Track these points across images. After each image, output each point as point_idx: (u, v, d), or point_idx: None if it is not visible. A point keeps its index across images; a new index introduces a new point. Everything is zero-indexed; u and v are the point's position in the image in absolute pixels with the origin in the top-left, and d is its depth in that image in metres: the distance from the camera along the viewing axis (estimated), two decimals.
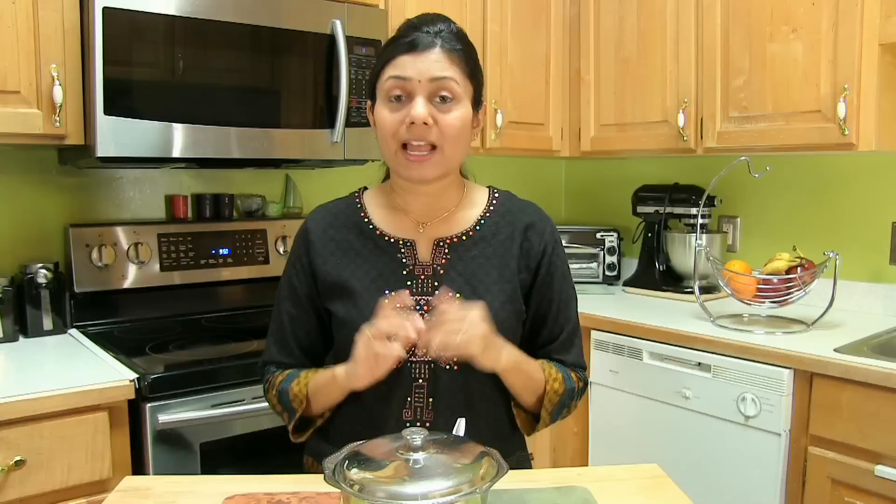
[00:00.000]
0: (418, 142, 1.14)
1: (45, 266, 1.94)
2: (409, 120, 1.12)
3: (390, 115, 1.15)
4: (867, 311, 2.28)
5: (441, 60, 1.13)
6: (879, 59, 1.94)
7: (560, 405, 1.22)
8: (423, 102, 1.13)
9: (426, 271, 1.21)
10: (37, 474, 1.45)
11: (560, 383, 1.22)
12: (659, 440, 2.10)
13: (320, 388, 1.19)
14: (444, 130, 1.14)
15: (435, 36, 1.14)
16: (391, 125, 1.15)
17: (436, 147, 1.15)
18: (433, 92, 1.14)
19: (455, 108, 1.15)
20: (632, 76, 2.50)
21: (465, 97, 1.17)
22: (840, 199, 2.36)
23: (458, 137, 1.16)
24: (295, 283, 1.26)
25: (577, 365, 1.29)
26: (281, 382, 1.22)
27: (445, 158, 1.16)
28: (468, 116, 1.18)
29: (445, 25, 1.17)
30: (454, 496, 0.83)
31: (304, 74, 2.02)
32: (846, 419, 1.71)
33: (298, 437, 1.24)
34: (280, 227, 2.36)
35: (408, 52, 1.14)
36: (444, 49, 1.14)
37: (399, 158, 1.16)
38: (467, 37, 1.20)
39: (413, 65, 1.13)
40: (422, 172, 1.16)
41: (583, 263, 2.86)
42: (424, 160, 1.15)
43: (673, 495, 1.10)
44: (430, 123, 1.13)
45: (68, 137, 1.74)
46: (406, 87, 1.14)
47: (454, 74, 1.14)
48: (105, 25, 1.69)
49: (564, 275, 1.29)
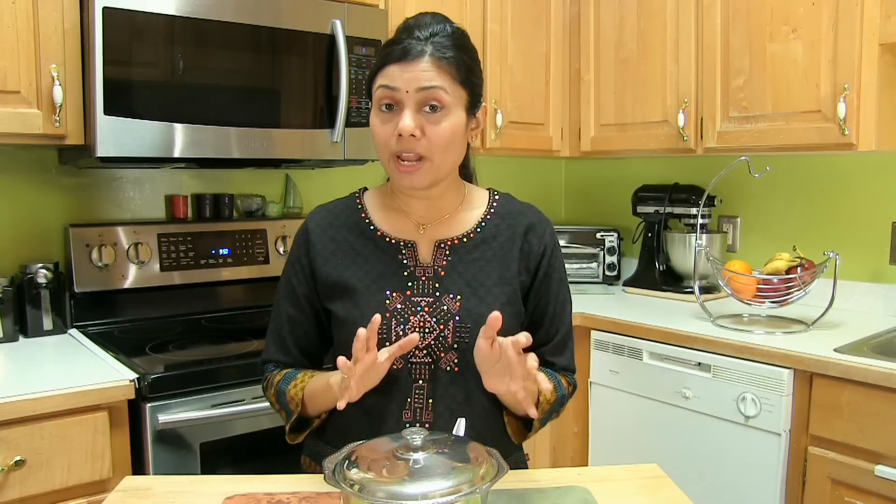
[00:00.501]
0: (407, 153, 1.14)
1: (45, 266, 1.94)
2: (397, 132, 1.12)
3: (381, 125, 1.15)
4: (867, 311, 2.28)
5: (429, 70, 1.12)
6: (879, 59, 1.94)
7: (550, 412, 1.23)
8: (410, 115, 1.12)
9: (427, 273, 1.21)
10: (37, 474, 1.45)
11: (552, 393, 1.21)
12: (659, 440, 2.10)
13: (315, 393, 1.19)
14: (433, 141, 1.13)
15: (426, 42, 1.13)
16: (382, 135, 1.15)
17: (423, 156, 1.14)
18: (421, 102, 1.13)
19: (444, 118, 1.14)
20: (632, 76, 2.50)
21: (457, 105, 1.15)
22: (840, 199, 2.36)
23: (447, 147, 1.15)
24: (294, 283, 1.26)
25: (568, 368, 1.30)
26: (279, 383, 1.22)
27: (435, 167, 1.16)
28: (459, 124, 1.16)
29: (441, 27, 1.15)
30: (454, 496, 0.83)
31: (304, 74, 2.02)
32: (846, 419, 1.71)
33: (295, 438, 1.24)
34: (280, 227, 2.36)
35: (397, 62, 1.13)
36: (433, 58, 1.12)
37: (391, 167, 1.17)
38: (465, 38, 1.19)
39: (401, 75, 1.12)
40: (412, 182, 1.16)
41: (583, 263, 2.86)
42: (414, 170, 1.14)
43: (673, 495, 1.10)
44: (418, 136, 1.12)
45: (68, 137, 1.74)
46: (395, 97, 1.13)
47: (443, 83, 1.13)
48: (105, 25, 1.69)
49: (561, 278, 1.29)
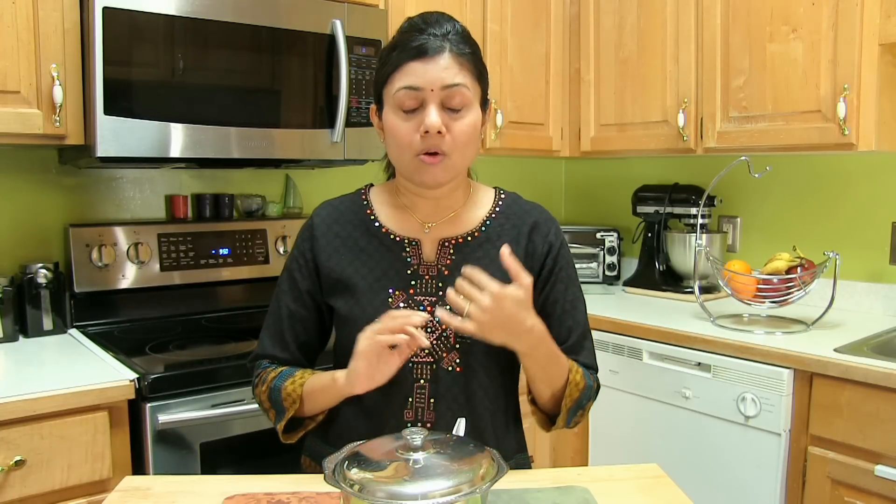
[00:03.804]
0: (433, 150, 1.13)
1: (45, 266, 1.94)
2: (423, 129, 1.11)
3: (403, 124, 1.14)
4: (867, 311, 2.28)
5: (451, 67, 1.12)
6: (879, 59, 1.94)
7: (579, 401, 1.19)
8: (435, 112, 1.11)
9: (431, 271, 1.21)
10: (37, 474, 1.45)
11: (581, 377, 1.19)
12: (659, 440, 2.10)
13: (317, 389, 1.17)
14: (457, 138, 1.13)
15: (443, 39, 1.12)
16: (405, 135, 1.13)
17: (445, 154, 1.14)
18: (445, 99, 1.12)
19: (467, 115, 1.14)
20: (632, 76, 2.50)
21: (476, 101, 1.16)
22: (840, 199, 2.36)
23: (468, 143, 1.15)
24: (297, 278, 1.25)
25: (590, 366, 1.26)
26: (273, 379, 1.20)
27: (454, 164, 1.15)
28: (478, 121, 1.17)
29: (451, 26, 1.15)
30: (454, 496, 0.83)
31: (304, 74, 2.02)
32: (846, 419, 1.71)
33: (288, 438, 1.22)
34: (280, 227, 2.36)
35: (417, 59, 1.11)
36: (453, 53, 1.12)
37: (414, 165, 1.15)
38: (471, 36, 1.19)
39: (424, 73, 1.11)
40: (435, 177, 1.15)
41: (583, 263, 2.86)
42: (436, 161, 1.13)
43: (673, 495, 1.10)
44: (444, 132, 1.12)
45: (68, 137, 1.74)
46: (418, 97, 1.12)
47: (465, 80, 1.13)
48: (105, 25, 1.69)
49: (570, 276, 1.27)
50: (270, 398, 1.20)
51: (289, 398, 1.18)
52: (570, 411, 1.19)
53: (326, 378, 1.16)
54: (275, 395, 1.19)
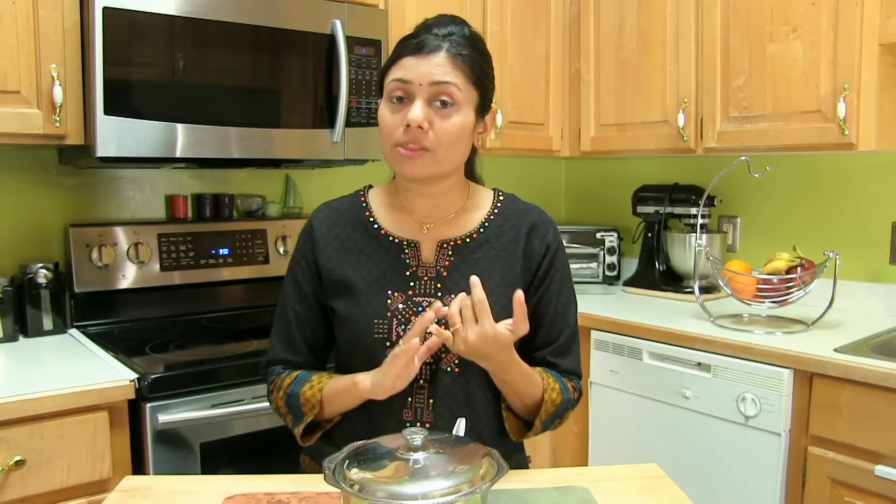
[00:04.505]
0: (413, 144, 1.14)
1: (45, 266, 1.94)
2: (406, 122, 1.12)
3: (390, 115, 1.16)
4: (867, 311, 2.28)
5: (444, 65, 1.13)
6: (879, 59, 1.94)
7: (555, 415, 1.21)
8: (420, 106, 1.12)
9: (429, 272, 1.21)
10: (37, 474, 1.45)
11: (558, 393, 1.20)
12: (659, 440, 2.10)
13: (337, 393, 1.18)
14: (440, 135, 1.14)
15: (443, 39, 1.14)
16: (389, 125, 1.16)
17: (427, 149, 1.14)
18: (433, 95, 1.13)
19: (454, 114, 1.14)
20: (632, 76, 2.50)
21: (467, 103, 1.16)
22: (840, 199, 2.36)
23: (452, 143, 1.15)
24: (300, 280, 1.25)
25: (573, 372, 1.27)
26: (290, 385, 1.21)
27: (437, 161, 1.15)
28: (467, 123, 1.17)
29: (458, 28, 1.16)
30: (454, 496, 0.83)
31: (304, 74, 2.02)
32: (846, 419, 1.71)
33: (307, 441, 1.23)
34: (280, 227, 2.36)
35: (413, 54, 1.14)
36: (449, 53, 1.13)
37: (393, 155, 1.17)
38: (481, 42, 1.20)
39: (416, 67, 1.13)
40: (412, 170, 1.16)
41: (583, 263, 2.86)
42: (415, 155, 1.14)
43: (673, 495, 1.10)
44: (426, 128, 1.13)
45: (68, 137, 1.74)
46: (407, 90, 1.14)
47: (456, 80, 1.13)
48: (105, 25, 1.69)
49: (564, 279, 1.27)
50: (288, 404, 1.21)
51: (308, 403, 1.18)
52: (544, 424, 1.22)
53: (346, 382, 1.17)
54: (293, 402, 1.20)
